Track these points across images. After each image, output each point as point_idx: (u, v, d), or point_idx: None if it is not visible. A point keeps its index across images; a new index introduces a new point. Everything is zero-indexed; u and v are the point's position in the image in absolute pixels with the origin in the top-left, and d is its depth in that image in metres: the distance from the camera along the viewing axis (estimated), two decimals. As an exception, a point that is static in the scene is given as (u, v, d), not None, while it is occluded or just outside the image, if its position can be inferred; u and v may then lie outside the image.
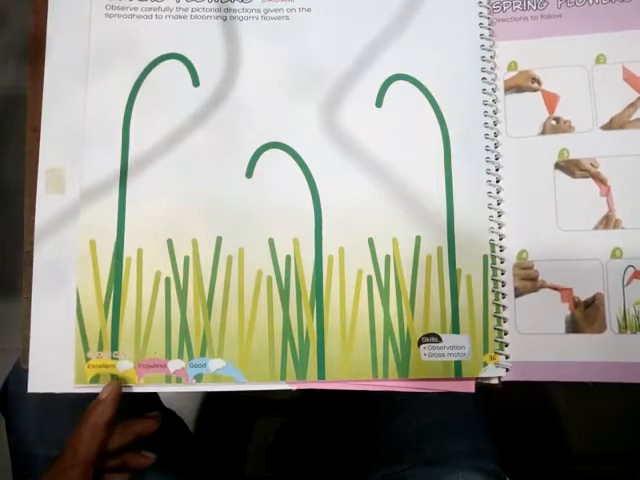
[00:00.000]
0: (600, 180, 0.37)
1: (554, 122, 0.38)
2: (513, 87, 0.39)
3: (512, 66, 0.39)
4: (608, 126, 0.37)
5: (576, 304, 0.36)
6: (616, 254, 0.36)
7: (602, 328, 0.35)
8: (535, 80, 0.38)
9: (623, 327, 0.35)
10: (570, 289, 0.36)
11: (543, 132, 0.38)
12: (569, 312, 0.36)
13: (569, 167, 0.37)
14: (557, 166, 0.37)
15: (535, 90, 0.38)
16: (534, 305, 0.36)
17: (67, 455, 0.33)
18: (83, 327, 0.35)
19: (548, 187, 0.37)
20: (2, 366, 0.49)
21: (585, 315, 0.36)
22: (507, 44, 0.39)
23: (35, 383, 0.35)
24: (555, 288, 0.36)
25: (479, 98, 0.38)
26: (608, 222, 0.36)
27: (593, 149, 0.37)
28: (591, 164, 0.37)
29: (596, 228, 0.36)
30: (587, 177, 0.37)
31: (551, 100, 0.38)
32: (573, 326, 0.36)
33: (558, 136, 0.37)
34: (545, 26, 0.39)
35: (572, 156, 0.37)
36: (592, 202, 0.36)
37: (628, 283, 0.35)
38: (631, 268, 0.35)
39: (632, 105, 0.37)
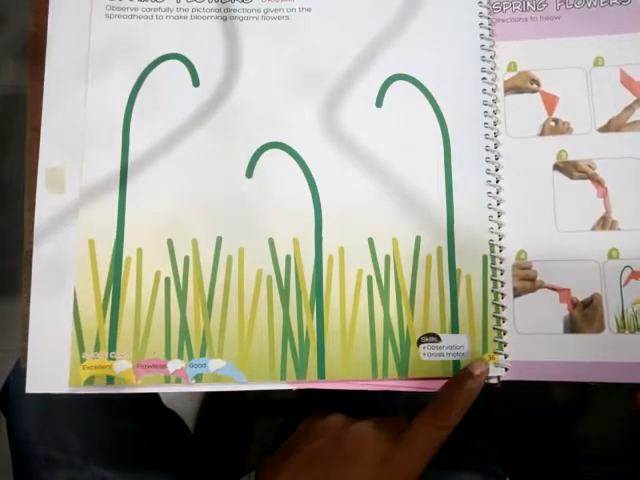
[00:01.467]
0: (597, 181, 0.37)
1: (553, 123, 0.38)
2: (513, 88, 0.39)
3: (512, 67, 0.39)
4: (605, 128, 0.37)
5: (574, 304, 0.36)
6: (613, 255, 0.36)
7: (600, 328, 0.35)
8: (534, 81, 0.38)
9: (621, 327, 0.35)
10: (568, 289, 0.36)
11: (542, 133, 0.38)
12: (567, 312, 0.36)
13: (567, 168, 0.37)
14: (556, 167, 0.37)
15: (534, 91, 0.38)
16: (533, 305, 0.36)
17: (431, 419, 0.32)
18: (79, 327, 0.35)
19: (547, 188, 0.37)
20: (2, 366, 0.50)
21: (583, 315, 0.36)
22: (507, 45, 0.39)
23: (32, 383, 0.35)
24: (553, 288, 0.36)
25: (479, 98, 0.38)
26: (605, 223, 0.36)
27: (591, 151, 0.37)
28: (589, 165, 0.37)
29: (593, 229, 0.36)
30: (585, 178, 0.37)
31: (550, 101, 0.38)
32: (571, 326, 0.36)
33: (557, 137, 0.37)
34: (544, 27, 0.39)
35: (570, 157, 0.37)
36: (589, 203, 0.37)
37: (626, 283, 0.35)
38: (628, 268, 0.35)
39: (629, 108, 0.37)
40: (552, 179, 0.37)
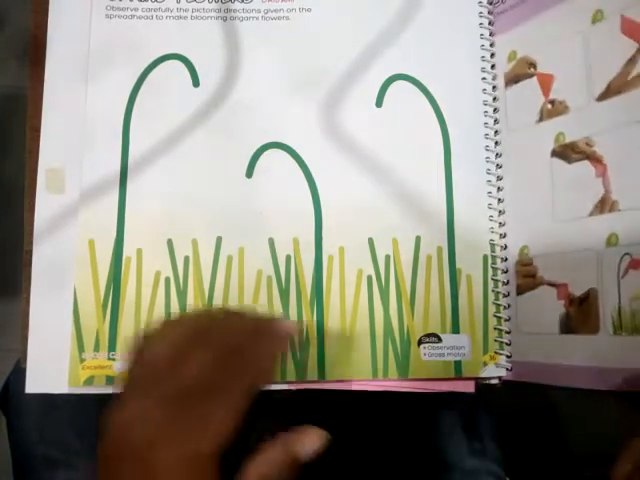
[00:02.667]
0: (596, 160, 0.33)
1: (550, 106, 0.36)
2: (512, 78, 0.38)
3: (512, 56, 0.38)
4: (604, 95, 0.34)
5: (571, 301, 0.33)
6: (612, 241, 0.32)
7: (596, 328, 0.32)
8: (531, 65, 0.37)
9: (618, 327, 0.31)
10: (565, 285, 0.34)
11: (540, 119, 0.36)
12: (564, 310, 0.33)
13: (565, 152, 0.35)
14: (554, 153, 0.35)
15: (531, 76, 0.37)
16: (534, 303, 0.35)
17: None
18: (79, 327, 0.35)
19: (545, 178, 0.35)
20: (2, 366, 0.49)
21: (579, 313, 0.32)
22: (508, 35, 0.38)
23: (32, 383, 0.35)
24: (552, 284, 0.34)
25: (479, 98, 0.38)
26: (604, 205, 0.33)
27: (588, 126, 0.34)
28: (586, 144, 0.34)
29: (591, 214, 0.33)
30: (583, 159, 0.34)
31: (546, 82, 0.36)
32: (567, 325, 0.33)
33: (554, 120, 0.35)
34: (539, 2, 0.37)
35: (568, 139, 0.35)
36: (588, 185, 0.33)
37: (624, 274, 0.31)
38: (627, 256, 0.31)
39: (631, 61, 0.33)
40: (550, 167, 0.35)
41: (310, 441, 0.27)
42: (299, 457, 0.27)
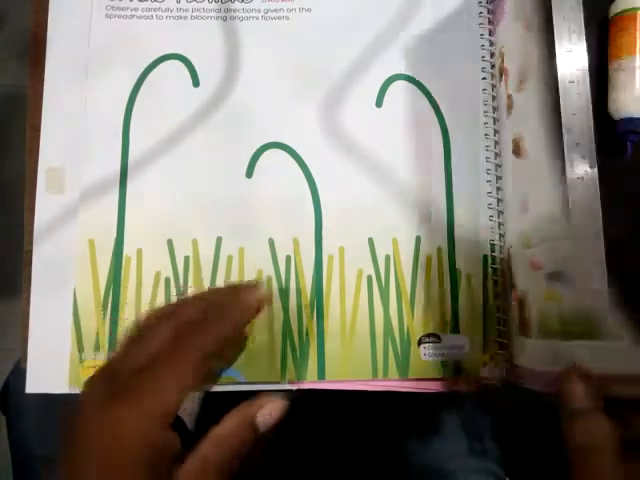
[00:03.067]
0: (521, 154, 0.32)
1: (508, 101, 0.35)
2: (499, 75, 0.37)
3: (500, 53, 0.37)
4: (519, 85, 0.32)
5: (519, 303, 0.33)
6: (525, 242, 0.31)
7: (529, 332, 0.31)
8: (503, 60, 0.36)
9: (537, 332, 0.30)
10: (515, 286, 0.33)
11: (508, 115, 0.35)
12: (517, 312, 0.33)
13: (516, 147, 0.34)
14: (513, 151, 0.34)
15: (502, 71, 0.36)
16: (511, 305, 0.35)
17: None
18: (79, 327, 0.35)
19: (510, 176, 0.35)
20: (2, 366, 0.50)
21: (520, 315, 0.32)
22: (499, 32, 0.37)
23: (32, 383, 0.35)
24: (512, 285, 0.34)
25: (479, 98, 0.38)
26: (524, 205, 0.31)
27: (517, 118, 0.33)
28: (518, 137, 0.33)
29: (519, 213, 0.32)
30: (520, 155, 0.33)
31: (505, 76, 0.35)
32: (519, 327, 0.33)
33: (511, 115, 0.34)
34: None
35: (516, 135, 0.33)
36: (522, 183, 0.32)
37: (530, 276, 0.30)
38: (532, 257, 0.30)
39: (525, 45, 0.31)
40: (511, 165, 0.34)
41: (267, 409, 0.28)
42: (257, 424, 0.28)
